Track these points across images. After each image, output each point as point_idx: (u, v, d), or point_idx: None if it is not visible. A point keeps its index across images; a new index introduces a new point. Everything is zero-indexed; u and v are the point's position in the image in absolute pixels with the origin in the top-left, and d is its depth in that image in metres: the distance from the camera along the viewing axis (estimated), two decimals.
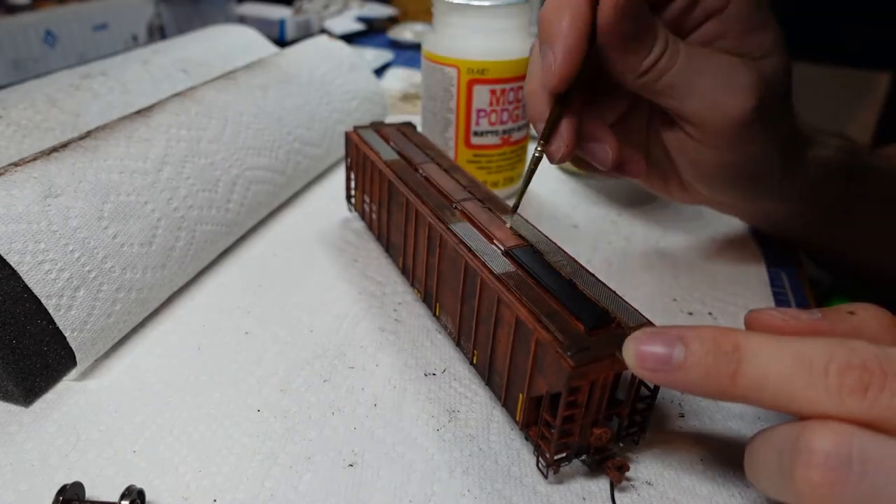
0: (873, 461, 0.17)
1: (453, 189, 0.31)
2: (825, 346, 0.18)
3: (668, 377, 0.20)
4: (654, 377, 0.20)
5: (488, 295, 0.25)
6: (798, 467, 0.17)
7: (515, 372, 0.24)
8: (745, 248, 0.40)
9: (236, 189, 0.37)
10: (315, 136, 0.44)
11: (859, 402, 0.17)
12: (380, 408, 0.27)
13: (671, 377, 0.20)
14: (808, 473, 0.17)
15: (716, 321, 0.33)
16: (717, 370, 0.19)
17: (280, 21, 0.82)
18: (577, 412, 0.22)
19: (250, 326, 0.31)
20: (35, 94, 0.40)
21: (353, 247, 0.38)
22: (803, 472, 0.17)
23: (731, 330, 0.19)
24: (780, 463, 0.18)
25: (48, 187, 0.28)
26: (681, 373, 0.19)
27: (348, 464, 0.24)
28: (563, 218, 0.43)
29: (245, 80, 0.42)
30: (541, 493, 0.23)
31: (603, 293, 0.24)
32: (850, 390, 0.17)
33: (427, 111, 0.44)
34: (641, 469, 0.24)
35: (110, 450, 0.24)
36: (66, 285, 0.26)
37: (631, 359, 0.20)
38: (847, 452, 0.17)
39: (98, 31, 0.66)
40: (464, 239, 0.27)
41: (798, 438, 0.18)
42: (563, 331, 0.22)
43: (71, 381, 0.28)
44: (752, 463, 0.20)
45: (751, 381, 0.19)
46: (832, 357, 0.18)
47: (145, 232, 0.30)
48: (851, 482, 0.17)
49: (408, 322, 0.32)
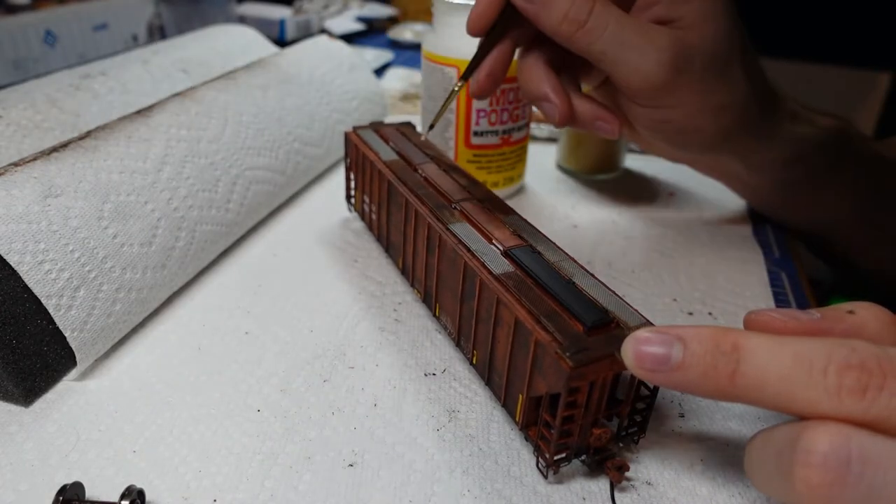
0: (872, 461, 0.17)
1: (452, 189, 0.31)
2: (824, 347, 0.18)
3: (667, 377, 0.20)
4: (653, 377, 0.20)
5: (487, 295, 0.25)
6: (797, 468, 0.17)
7: (515, 372, 0.24)
8: (745, 248, 0.40)
9: (236, 189, 0.37)
10: (315, 136, 0.44)
11: (858, 402, 0.17)
12: (380, 408, 0.27)
13: (670, 377, 0.19)
14: (807, 474, 0.17)
15: (716, 321, 0.33)
16: (716, 370, 0.19)
17: (280, 21, 0.82)
18: (577, 412, 0.22)
19: (250, 326, 0.31)
20: (35, 94, 0.40)
21: (352, 247, 0.38)
22: (802, 472, 0.17)
23: (729, 330, 0.19)
24: (779, 463, 0.18)
25: (48, 187, 0.28)
26: (679, 373, 0.19)
27: (348, 464, 0.24)
28: (563, 218, 0.43)
29: (245, 80, 0.42)
30: (541, 493, 0.23)
31: (602, 293, 0.24)
32: (849, 390, 0.17)
33: (427, 111, 0.44)
34: (641, 469, 0.24)
35: (110, 450, 0.24)
36: (66, 285, 0.26)
37: (629, 359, 0.20)
38: (846, 453, 0.17)
39: (98, 31, 0.66)
40: (463, 239, 0.27)
41: (797, 439, 0.18)
42: (562, 331, 0.22)
43: (71, 381, 0.28)
44: (752, 463, 0.20)
45: (750, 382, 0.19)
46: (831, 357, 0.18)
47: (145, 232, 0.30)
48: (850, 483, 0.17)
49: (408, 322, 0.32)
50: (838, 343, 0.18)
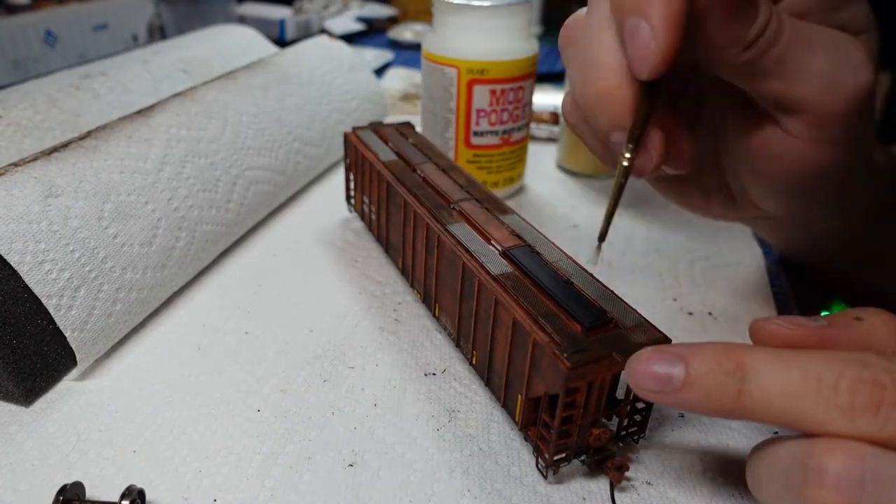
0: (887, 481, 0.16)
1: (451, 189, 0.31)
2: (834, 362, 0.17)
3: (671, 398, 0.19)
4: (657, 398, 0.19)
5: (486, 296, 0.25)
6: (809, 488, 0.17)
7: (514, 373, 0.24)
8: (745, 247, 0.40)
9: (236, 189, 0.37)
10: (315, 136, 0.44)
11: (872, 419, 0.16)
12: (380, 408, 0.27)
13: (673, 398, 0.19)
14: (820, 495, 0.16)
15: (716, 321, 0.33)
16: (720, 390, 0.18)
17: (280, 21, 0.82)
18: (576, 413, 0.22)
19: (250, 326, 0.31)
20: (35, 94, 0.40)
21: (352, 247, 0.38)
22: (814, 493, 0.16)
23: (732, 347, 0.19)
24: (787, 482, 0.17)
25: (48, 187, 0.28)
26: (683, 393, 0.19)
27: (348, 464, 0.24)
28: (562, 218, 0.43)
29: (245, 80, 0.42)
30: (541, 493, 0.23)
31: (601, 293, 0.24)
32: (862, 408, 0.17)
33: (427, 111, 0.44)
34: (641, 469, 0.24)
35: (110, 450, 0.24)
36: (67, 285, 0.26)
37: (632, 379, 0.20)
38: (860, 473, 0.16)
39: (98, 31, 0.66)
40: (461, 240, 0.27)
41: (808, 457, 0.17)
42: (561, 332, 0.22)
43: (71, 381, 0.28)
44: (756, 478, 0.19)
45: (756, 401, 0.18)
46: (842, 373, 0.17)
47: (146, 232, 0.31)
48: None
49: (408, 322, 0.32)
50: (848, 358, 0.17)
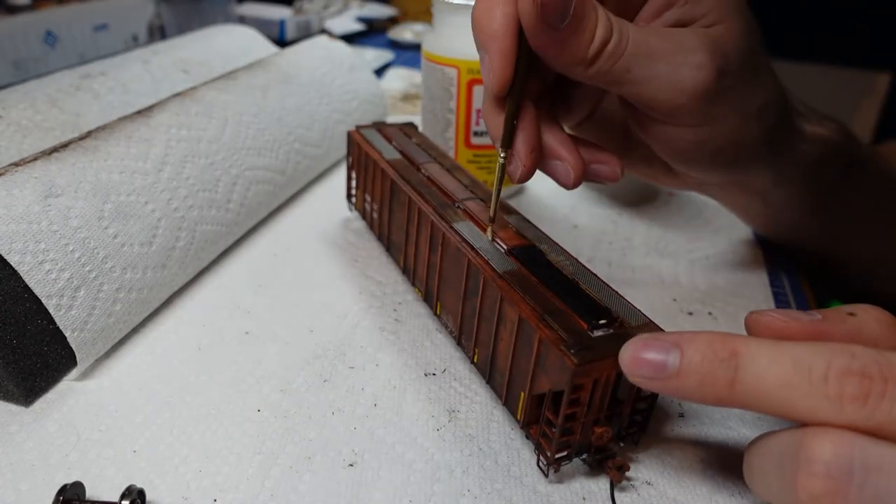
0: (875, 469, 0.16)
1: (455, 188, 0.31)
2: (824, 353, 0.18)
3: (664, 385, 0.19)
4: (650, 385, 0.19)
5: (491, 293, 0.25)
6: (799, 476, 0.17)
7: (517, 370, 0.24)
8: (745, 247, 0.40)
9: (236, 189, 0.37)
10: (315, 137, 0.44)
11: (860, 409, 0.17)
12: (380, 408, 0.27)
13: (667, 385, 0.19)
14: (809, 483, 0.17)
15: (715, 321, 0.33)
16: (714, 378, 0.18)
17: (280, 21, 0.82)
18: (580, 410, 0.22)
19: (250, 326, 0.31)
20: (35, 94, 0.40)
21: (353, 246, 0.38)
22: (804, 481, 0.17)
23: (727, 336, 0.19)
24: (780, 471, 0.18)
25: (49, 187, 0.28)
26: (676, 381, 0.19)
27: (348, 464, 0.24)
28: (563, 218, 0.43)
29: (245, 80, 0.42)
30: (541, 493, 0.23)
31: (605, 292, 0.24)
32: (850, 397, 0.17)
33: (427, 111, 0.44)
34: (641, 469, 0.24)
35: (110, 450, 0.24)
36: (67, 285, 0.26)
37: (626, 366, 0.20)
38: (848, 461, 0.16)
39: (98, 31, 0.66)
40: (466, 238, 0.27)
41: (798, 447, 0.17)
42: (567, 329, 0.22)
43: (71, 381, 0.28)
44: (752, 470, 0.20)
45: (749, 389, 0.18)
46: (831, 363, 0.17)
47: (146, 232, 0.30)
48: (853, 491, 0.16)
49: (408, 322, 0.32)
50: (838, 349, 0.18)
